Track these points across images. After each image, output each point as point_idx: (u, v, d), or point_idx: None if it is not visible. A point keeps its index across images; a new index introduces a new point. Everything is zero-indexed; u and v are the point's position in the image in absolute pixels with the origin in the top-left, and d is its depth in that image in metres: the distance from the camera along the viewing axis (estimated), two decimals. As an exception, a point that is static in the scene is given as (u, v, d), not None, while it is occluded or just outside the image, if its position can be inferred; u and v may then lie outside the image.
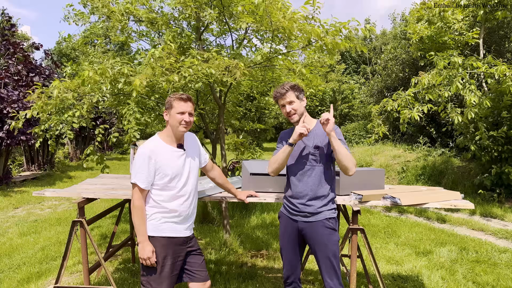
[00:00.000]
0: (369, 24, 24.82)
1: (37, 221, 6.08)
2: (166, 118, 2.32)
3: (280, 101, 2.39)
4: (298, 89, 2.38)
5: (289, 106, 2.34)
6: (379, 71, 14.14)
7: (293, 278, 2.52)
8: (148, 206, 2.28)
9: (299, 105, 2.36)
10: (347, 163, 2.21)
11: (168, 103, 2.30)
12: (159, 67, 3.20)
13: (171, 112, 2.28)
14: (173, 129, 2.30)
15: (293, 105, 2.34)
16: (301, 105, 2.37)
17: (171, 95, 2.33)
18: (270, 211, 6.55)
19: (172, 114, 2.28)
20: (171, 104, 2.29)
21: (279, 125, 21.19)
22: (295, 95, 2.34)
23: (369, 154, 11.51)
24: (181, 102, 2.28)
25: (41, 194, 2.96)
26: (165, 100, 2.59)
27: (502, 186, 6.94)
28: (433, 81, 5.55)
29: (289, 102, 2.34)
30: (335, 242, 2.33)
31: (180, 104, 2.27)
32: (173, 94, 2.33)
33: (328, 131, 2.19)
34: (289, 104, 2.34)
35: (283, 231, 2.51)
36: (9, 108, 8.09)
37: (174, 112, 2.27)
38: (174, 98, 2.29)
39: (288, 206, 2.46)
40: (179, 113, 2.26)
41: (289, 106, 2.34)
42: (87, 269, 2.88)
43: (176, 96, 2.29)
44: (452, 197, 2.80)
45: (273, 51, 3.85)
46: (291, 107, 2.34)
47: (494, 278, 3.72)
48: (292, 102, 2.34)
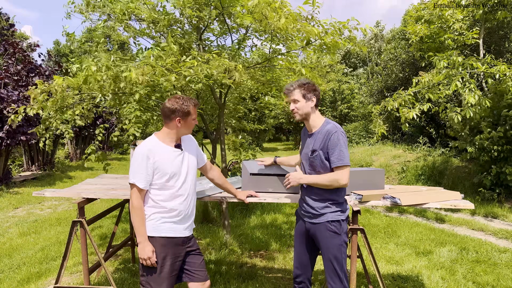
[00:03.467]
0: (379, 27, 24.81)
1: (37, 221, 6.08)
2: (178, 125, 2.28)
3: (286, 98, 2.41)
4: (308, 88, 2.33)
5: (293, 104, 2.35)
6: (379, 71, 14.14)
7: (303, 278, 2.52)
8: (147, 206, 2.28)
9: (303, 105, 2.33)
10: (332, 186, 2.27)
11: (184, 111, 2.26)
12: (159, 66, 3.19)
13: (188, 119, 2.30)
14: (180, 132, 2.32)
15: (296, 104, 2.33)
16: (306, 105, 2.33)
17: (184, 102, 2.27)
18: (270, 211, 6.54)
19: (189, 121, 2.30)
20: (188, 111, 2.27)
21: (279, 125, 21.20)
22: (301, 94, 2.32)
23: (369, 154, 11.51)
24: (195, 109, 2.33)
25: (41, 194, 2.96)
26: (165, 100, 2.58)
27: (502, 186, 6.94)
28: (433, 80, 5.55)
29: (293, 100, 2.34)
30: (336, 246, 2.30)
31: (195, 111, 2.33)
32: (184, 99, 2.28)
33: (294, 185, 2.36)
34: (293, 102, 2.35)
35: (296, 230, 2.56)
36: (9, 108, 8.09)
37: (190, 119, 2.31)
38: (190, 105, 2.28)
39: (300, 205, 2.51)
40: (194, 120, 2.33)
41: (293, 105, 2.35)
42: (87, 269, 2.88)
43: (192, 103, 2.30)
44: (452, 197, 2.80)
45: (272, 51, 3.85)
46: (294, 105, 2.34)
47: (494, 278, 3.72)
48: (296, 101, 2.33)
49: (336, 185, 2.24)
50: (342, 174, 2.21)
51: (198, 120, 5.19)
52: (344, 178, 2.21)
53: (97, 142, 4.51)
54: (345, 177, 2.21)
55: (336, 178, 2.22)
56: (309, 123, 2.38)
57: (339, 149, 2.21)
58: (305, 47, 3.67)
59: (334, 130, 2.24)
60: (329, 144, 2.23)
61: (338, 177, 2.22)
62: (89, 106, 3.70)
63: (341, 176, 2.21)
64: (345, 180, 2.22)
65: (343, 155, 2.21)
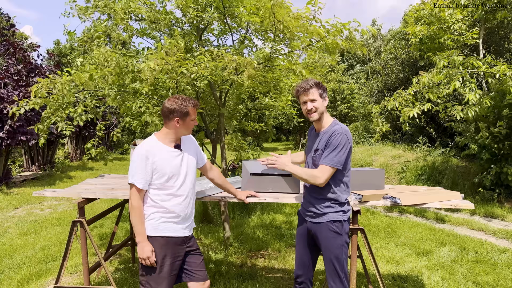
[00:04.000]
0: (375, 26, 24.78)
1: (37, 221, 6.08)
2: (177, 125, 2.27)
3: (302, 97, 2.31)
4: (322, 87, 2.31)
5: (311, 103, 2.28)
6: (379, 71, 14.14)
7: (304, 278, 2.51)
8: (146, 206, 2.28)
9: (321, 104, 2.29)
10: (308, 181, 2.28)
11: (183, 111, 2.24)
12: (163, 62, 3.16)
13: (187, 120, 2.28)
14: (179, 133, 2.30)
15: (315, 103, 2.27)
16: (322, 104, 2.30)
17: (183, 102, 2.25)
18: (270, 211, 6.54)
19: (187, 121, 2.28)
20: (187, 112, 2.25)
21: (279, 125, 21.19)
22: (319, 93, 2.28)
23: (369, 154, 11.52)
24: (195, 109, 2.30)
25: (41, 194, 2.96)
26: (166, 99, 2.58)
27: (502, 186, 6.93)
28: (434, 80, 5.55)
29: (311, 99, 2.28)
30: (338, 246, 2.29)
31: (194, 112, 2.30)
32: (183, 100, 2.26)
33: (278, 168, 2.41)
34: (311, 101, 2.28)
35: (298, 230, 2.55)
36: (9, 108, 8.09)
37: (189, 119, 2.28)
38: (189, 105, 2.26)
39: (302, 205, 2.51)
40: (193, 120, 2.30)
41: (311, 104, 2.28)
42: (87, 269, 2.88)
43: (192, 103, 2.27)
44: (452, 197, 2.80)
45: (274, 51, 3.85)
46: (313, 104, 2.28)
47: (494, 278, 3.72)
48: (314, 100, 2.28)
49: (312, 181, 2.23)
50: (323, 173, 2.20)
51: (198, 120, 5.18)
52: (322, 178, 2.21)
53: (97, 139, 4.50)
54: (324, 177, 2.21)
55: (315, 174, 2.22)
56: (321, 123, 2.35)
57: (335, 150, 2.20)
58: (306, 48, 3.68)
59: (339, 132, 2.23)
60: (328, 143, 2.23)
61: (317, 174, 2.21)
62: (94, 103, 3.71)
63: (321, 174, 2.20)
64: (322, 180, 2.21)
65: (335, 157, 2.19)
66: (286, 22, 3.21)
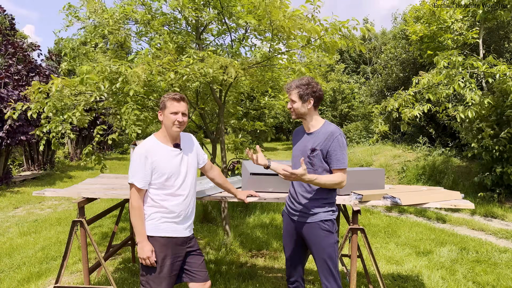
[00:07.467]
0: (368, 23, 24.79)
1: (37, 221, 6.08)
2: (160, 118, 2.32)
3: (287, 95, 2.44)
4: (307, 89, 2.29)
5: (290, 103, 2.37)
6: (379, 71, 14.14)
7: (296, 277, 2.51)
8: (146, 206, 2.28)
9: (299, 105, 2.31)
10: (333, 187, 2.29)
11: (162, 103, 2.31)
12: (155, 65, 3.19)
13: (165, 112, 2.28)
14: (167, 129, 2.30)
15: (293, 105, 2.34)
16: (302, 106, 2.31)
17: (165, 95, 2.33)
18: (270, 211, 6.54)
19: (166, 114, 2.28)
20: (164, 104, 2.29)
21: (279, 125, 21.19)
22: (298, 95, 2.30)
23: (369, 154, 11.52)
24: (174, 102, 2.28)
25: (41, 194, 2.96)
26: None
27: (502, 186, 6.93)
28: (433, 80, 5.55)
29: (291, 100, 2.35)
30: (330, 245, 2.30)
31: (173, 104, 2.27)
32: (167, 94, 2.33)
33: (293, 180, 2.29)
34: (291, 102, 2.36)
35: (284, 229, 2.54)
36: (7, 108, 8.09)
37: (167, 112, 2.27)
38: (167, 98, 2.29)
39: (288, 204, 2.48)
40: (172, 113, 2.26)
41: (290, 104, 2.37)
42: (87, 269, 2.88)
43: (170, 96, 2.29)
44: (452, 197, 2.80)
45: (272, 50, 3.85)
46: (291, 105, 2.36)
47: (494, 278, 3.72)
48: (293, 102, 2.33)
49: (338, 186, 2.29)
50: (343, 177, 2.27)
51: (198, 119, 5.18)
52: (345, 180, 2.30)
53: (95, 143, 4.49)
54: (346, 179, 2.30)
55: (340, 180, 2.25)
56: (307, 123, 2.38)
57: (341, 152, 2.25)
58: (304, 46, 3.67)
59: (338, 133, 2.26)
60: (332, 145, 2.24)
61: (341, 179, 2.26)
62: (85, 106, 3.71)
63: (343, 178, 2.27)
64: (345, 182, 2.31)
65: (344, 158, 2.27)
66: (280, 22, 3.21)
